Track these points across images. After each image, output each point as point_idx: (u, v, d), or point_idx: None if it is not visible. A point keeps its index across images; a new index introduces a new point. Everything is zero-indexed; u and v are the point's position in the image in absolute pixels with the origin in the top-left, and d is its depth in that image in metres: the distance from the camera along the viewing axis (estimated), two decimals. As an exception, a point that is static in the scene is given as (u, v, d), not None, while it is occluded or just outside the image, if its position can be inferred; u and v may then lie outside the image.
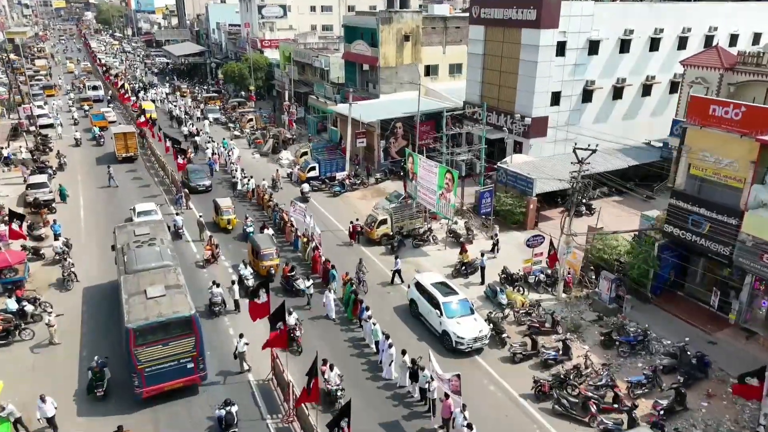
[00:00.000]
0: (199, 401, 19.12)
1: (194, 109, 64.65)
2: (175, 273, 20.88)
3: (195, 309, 18.66)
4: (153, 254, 22.12)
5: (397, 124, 43.52)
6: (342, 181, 40.23)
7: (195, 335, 18.24)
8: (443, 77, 53.37)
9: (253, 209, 36.69)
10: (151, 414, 18.50)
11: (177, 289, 19.54)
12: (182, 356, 18.18)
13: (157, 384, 18.07)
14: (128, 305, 18.57)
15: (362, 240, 31.94)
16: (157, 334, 17.74)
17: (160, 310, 18.15)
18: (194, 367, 18.51)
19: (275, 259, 26.95)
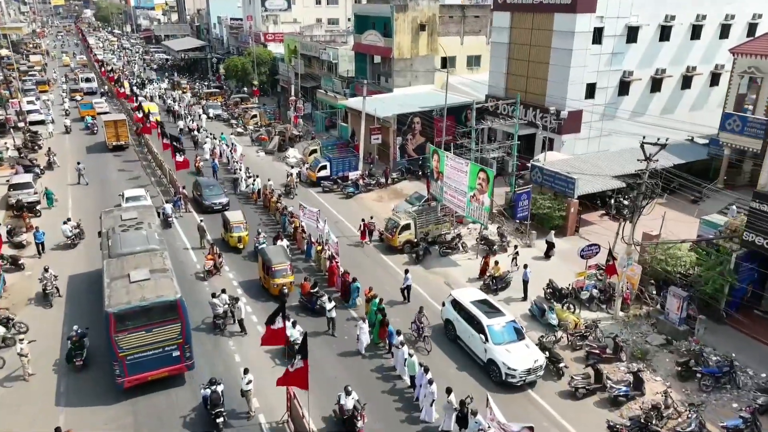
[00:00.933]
0: (185, 392, 17.87)
1: (195, 105, 61.21)
2: (162, 257, 19.81)
3: (181, 293, 17.62)
4: (139, 238, 21.08)
5: (415, 119, 40.06)
6: (355, 182, 36.77)
7: (181, 321, 17.21)
8: (461, 70, 49.93)
9: (259, 212, 33.26)
10: (132, 405, 17.29)
11: (162, 273, 18.50)
12: (167, 343, 17.17)
13: (139, 373, 17.08)
14: (110, 289, 17.59)
15: (382, 248, 28.51)
16: (140, 319, 16.73)
17: (143, 294, 17.14)
18: (180, 355, 17.41)
19: (289, 275, 23.17)
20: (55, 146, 43.43)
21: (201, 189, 33.14)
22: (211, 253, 25.27)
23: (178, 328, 17.22)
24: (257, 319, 21.92)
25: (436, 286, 24.87)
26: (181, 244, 28.59)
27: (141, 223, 22.73)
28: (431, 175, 29.84)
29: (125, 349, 16.67)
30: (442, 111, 40.87)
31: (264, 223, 31.53)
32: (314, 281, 23.10)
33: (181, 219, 31.83)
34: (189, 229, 30.17)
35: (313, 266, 26.53)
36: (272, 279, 22.83)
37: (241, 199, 35.07)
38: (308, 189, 37.86)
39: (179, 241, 28.97)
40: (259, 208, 33.95)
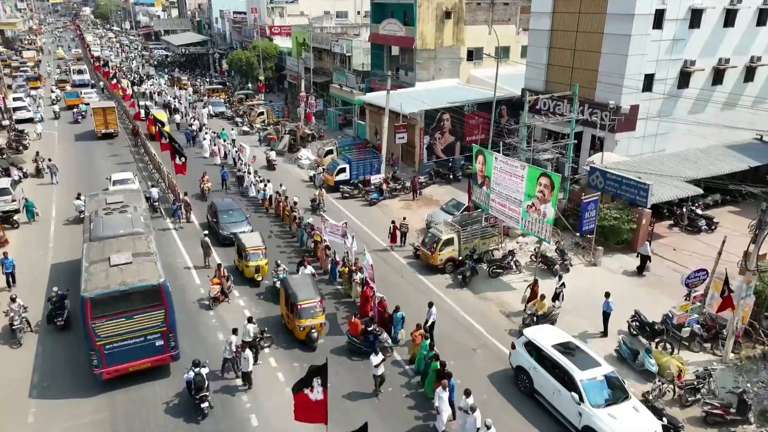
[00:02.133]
0: (170, 385, 16.56)
1: (196, 102, 56.88)
2: (146, 240, 18.59)
3: (165, 278, 16.37)
4: (123, 221, 19.96)
5: (444, 116, 35.66)
6: (379, 186, 32.37)
7: (165, 307, 16.01)
8: (488, 62, 45.47)
9: (271, 222, 28.89)
10: (111, 399, 15.99)
11: (146, 257, 17.31)
12: (150, 332, 16.01)
13: (119, 363, 15.91)
14: (87, 273, 16.41)
15: (417, 265, 24.16)
16: (120, 305, 15.56)
17: (124, 278, 15.98)
18: (164, 344, 16.29)
19: (319, 315, 18.26)
20: (43, 146, 38.96)
21: (217, 214, 26.06)
22: (218, 276, 20.85)
23: (161, 315, 15.98)
24: (281, 375, 17.33)
25: (492, 317, 20.50)
26: (181, 263, 24.19)
27: (126, 206, 21.44)
28: (474, 180, 25.46)
29: (103, 338, 15.44)
30: (474, 107, 36.61)
31: (277, 235, 27.21)
32: (368, 320, 18.48)
33: (181, 231, 27.48)
34: (191, 243, 25.80)
35: (339, 291, 22.16)
36: (298, 320, 17.90)
37: (250, 206, 30.70)
38: (325, 195, 33.49)
39: (179, 258, 24.62)
40: (270, 218, 29.58)
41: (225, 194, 31.77)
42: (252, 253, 22.01)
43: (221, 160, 38.60)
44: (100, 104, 44.94)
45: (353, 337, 17.90)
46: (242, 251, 22.28)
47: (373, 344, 17.28)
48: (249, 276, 22.25)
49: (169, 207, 29.71)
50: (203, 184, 31.44)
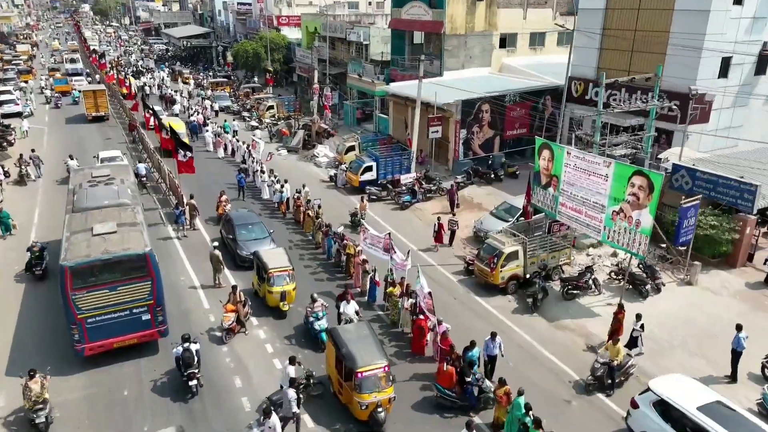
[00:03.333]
0: (157, 363, 15.48)
1: (200, 95, 52.69)
2: (133, 212, 17.51)
3: (151, 247, 15.25)
4: (108, 192, 18.83)
5: (483, 107, 31.43)
6: (412, 188, 28.16)
7: (151, 278, 14.98)
8: (522, 50, 41.33)
9: (290, 229, 24.72)
10: (93, 377, 14.88)
11: (132, 227, 16.27)
12: (135, 305, 14.99)
13: (103, 339, 14.84)
14: (68, 242, 15.33)
15: (471, 283, 20.00)
16: (102, 275, 14.49)
17: (107, 247, 14.96)
18: (151, 319, 15.28)
19: (387, 388, 13.05)
20: (31, 145, 34.67)
21: (234, 228, 21.41)
22: (233, 301, 16.63)
23: (147, 287, 15.01)
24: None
25: (576, 352, 16.32)
26: (185, 281, 19.99)
27: (113, 179, 20.19)
28: (536, 180, 21.24)
29: (85, 310, 14.45)
30: (516, 97, 32.42)
31: (298, 245, 23.02)
32: (462, 364, 13.97)
33: (186, 241, 23.30)
34: (197, 256, 21.64)
35: (382, 317, 17.95)
36: (358, 395, 12.73)
37: (265, 210, 26.53)
38: (348, 196, 29.32)
39: (183, 275, 20.44)
40: (289, 224, 25.41)
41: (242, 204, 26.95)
42: (276, 275, 17.37)
43: (223, 154, 35.32)
44: (90, 87, 45.10)
45: (446, 390, 13.59)
46: (264, 272, 17.70)
47: (473, 396, 13.24)
48: (272, 304, 17.60)
49: (170, 212, 25.54)
50: (222, 205, 24.56)
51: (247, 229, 21.49)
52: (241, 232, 21.27)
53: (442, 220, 23.00)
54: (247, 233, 21.31)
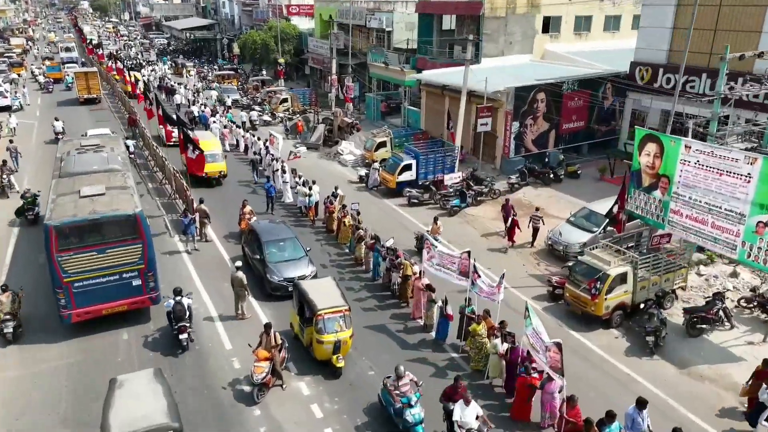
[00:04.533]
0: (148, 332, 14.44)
1: (205, 89, 48.52)
2: (123, 177, 16.55)
3: (142, 208, 14.37)
4: (98, 159, 17.87)
5: (539, 96, 27.20)
6: (460, 190, 23.91)
7: (142, 241, 14.11)
8: (566, 36, 37.12)
9: (322, 240, 20.52)
10: (81, 344, 13.97)
11: (122, 190, 15.37)
12: (125, 269, 14.12)
13: (91, 305, 13.99)
14: (54, 204, 14.50)
15: (561, 312, 15.79)
16: (90, 237, 13.66)
17: (95, 207, 14.11)
18: (142, 284, 14.42)
19: None
20: (19, 143, 30.30)
21: (260, 246, 16.73)
22: (265, 345, 12.35)
23: (138, 251, 14.13)
24: None
25: (729, 413, 12.07)
26: (199, 309, 15.66)
27: (102, 147, 19.60)
28: (634, 181, 17.03)
29: (71, 274, 13.56)
30: (575, 84, 28.20)
31: (334, 261, 18.83)
32: None
33: (197, 255, 19.08)
34: (212, 276, 17.45)
35: (457, 362, 13.70)
36: None
37: (288, 217, 22.31)
38: (383, 200, 25.13)
39: (195, 300, 16.08)
40: (319, 234, 21.20)
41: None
42: (327, 318, 12.64)
43: (229, 148, 31.74)
44: (82, 69, 45.57)
45: None
46: (308, 310, 13.05)
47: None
48: (322, 357, 12.95)
49: (176, 219, 21.33)
50: (246, 219, 19.53)
51: (277, 246, 16.80)
52: (270, 250, 16.55)
53: (516, 216, 19.78)
54: (279, 252, 16.65)
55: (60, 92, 47.40)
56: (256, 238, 17.20)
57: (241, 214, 19.78)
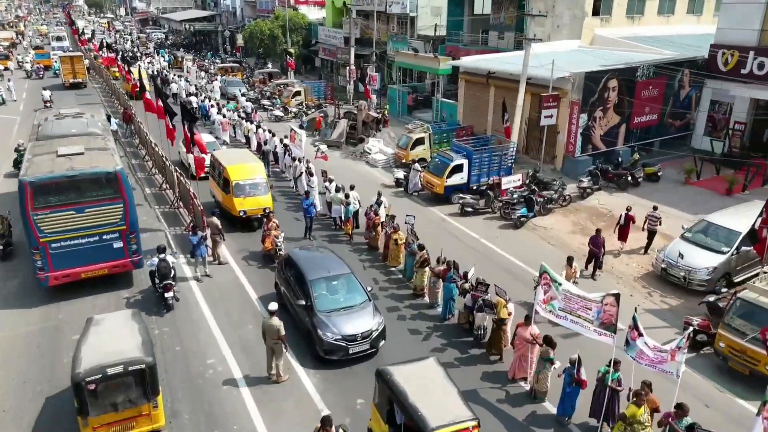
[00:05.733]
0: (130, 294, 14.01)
1: (209, 82, 44.18)
2: (104, 140, 15.86)
3: (122, 167, 13.85)
4: (77, 123, 17.25)
5: (610, 84, 22.95)
6: (528, 196, 19.60)
7: (123, 201, 13.57)
8: (617, 20, 32.83)
9: (364, 259, 16.25)
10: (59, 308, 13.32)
11: (102, 151, 14.73)
12: (106, 230, 13.53)
13: (69, 267, 13.40)
14: (30, 162, 13.84)
15: (711, 369, 11.57)
16: (68, 194, 13.07)
17: (72, 164, 13.48)
18: (123, 246, 13.83)
19: None
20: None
21: (304, 285, 12.13)
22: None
23: (119, 211, 13.54)
24: None
25: None
26: (217, 368, 11.37)
27: (82, 113, 18.83)
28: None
29: (48, 233, 12.98)
30: (650, 70, 23.96)
31: (385, 290, 14.59)
32: None
33: (209, 285, 14.77)
34: (230, 311, 13.18)
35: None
36: None
37: (319, 231, 18.02)
38: (428, 207, 20.87)
39: (211, 353, 11.83)
40: (360, 251, 16.91)
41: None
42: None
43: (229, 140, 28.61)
44: (67, 53, 44.46)
45: None
46: (404, 417, 8.08)
47: None
48: None
49: (180, 234, 17.06)
50: (271, 236, 15.47)
51: (329, 286, 12.17)
52: (318, 292, 11.91)
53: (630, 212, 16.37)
54: (331, 296, 12.05)
55: (48, 78, 45.59)
56: (298, 274, 12.44)
57: (266, 230, 15.45)
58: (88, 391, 8.58)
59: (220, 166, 18.45)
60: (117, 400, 8.87)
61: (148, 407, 9.10)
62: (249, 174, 17.93)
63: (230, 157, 19.23)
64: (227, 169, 17.80)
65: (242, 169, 18.12)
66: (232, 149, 23.51)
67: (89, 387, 8.56)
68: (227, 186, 17.67)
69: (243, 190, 17.51)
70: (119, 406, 8.89)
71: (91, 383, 8.57)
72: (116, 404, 8.87)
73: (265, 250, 15.38)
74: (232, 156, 19.74)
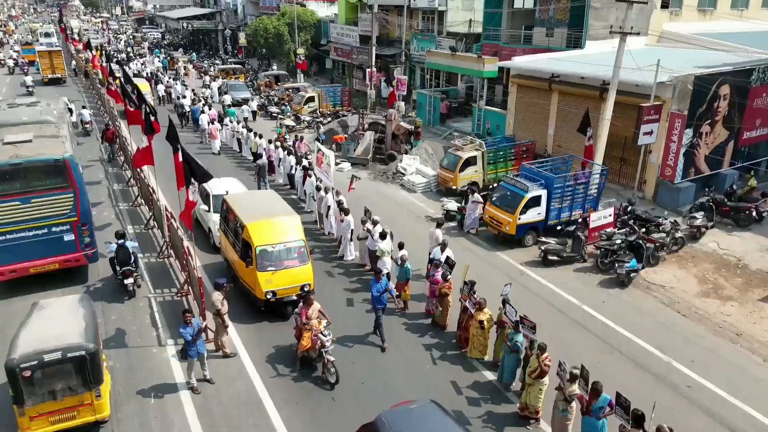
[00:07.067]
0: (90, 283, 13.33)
1: (205, 86, 39.36)
2: (57, 128, 14.94)
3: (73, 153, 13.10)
4: (30, 111, 16.44)
5: (721, 91, 18.03)
6: (635, 241, 14.68)
7: (74, 190, 12.76)
8: (689, 14, 28.13)
9: (432, 349, 11.35)
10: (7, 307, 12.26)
11: (53, 138, 13.96)
12: (55, 221, 12.73)
13: (15, 262, 12.56)
14: None
15: None
16: (12, 184, 12.27)
17: (17, 152, 12.75)
18: (75, 239, 12.98)
19: None
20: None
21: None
22: None
23: (69, 201, 12.73)
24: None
25: None
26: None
27: (37, 102, 18.10)
28: None
29: None
30: (765, 74, 19.05)
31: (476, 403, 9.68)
32: None
33: (209, 393, 9.86)
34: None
35: None
36: None
37: (353, 285, 13.14)
38: (494, 252, 16.04)
39: None
40: (418, 329, 11.99)
41: None
42: None
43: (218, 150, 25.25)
44: (45, 48, 43.05)
45: None
46: None
47: None
48: None
49: (172, 300, 12.23)
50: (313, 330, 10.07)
51: None
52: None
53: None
54: None
55: (33, 74, 42.51)
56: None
57: (303, 321, 10.27)
58: (23, 379, 8.21)
59: (235, 219, 12.76)
60: (56, 388, 8.48)
61: (90, 396, 8.73)
62: (280, 233, 12.20)
63: (249, 205, 13.26)
64: (247, 228, 11.99)
65: (269, 227, 12.26)
66: (252, 192, 16.57)
67: (24, 374, 8.19)
68: (247, 252, 11.95)
69: (271, 260, 11.89)
70: (58, 395, 8.52)
71: (27, 370, 8.20)
72: (55, 393, 8.49)
73: (302, 350, 10.25)
74: (253, 203, 13.64)
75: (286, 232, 12.28)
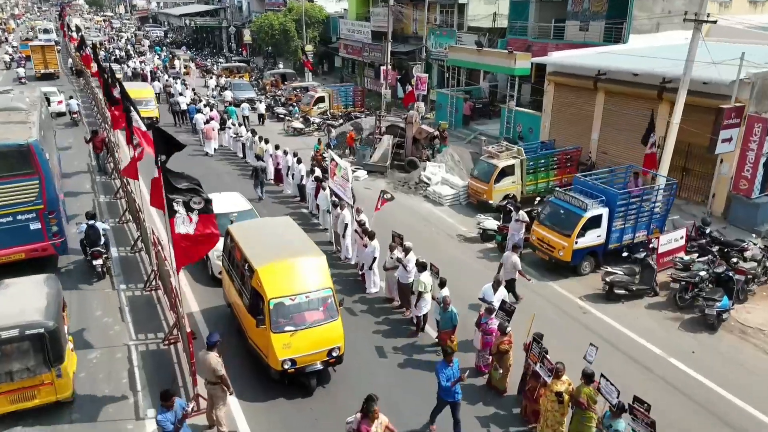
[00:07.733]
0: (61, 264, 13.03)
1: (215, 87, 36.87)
2: (26, 114, 14.43)
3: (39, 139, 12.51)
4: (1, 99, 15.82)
5: (809, 90, 15.39)
6: (725, 273, 12.06)
7: (39, 177, 12.28)
8: (739, 5, 25.52)
9: (481, 415, 8.76)
10: None
11: (20, 124, 13.44)
12: (19, 209, 12.26)
13: None
14: None
15: None
16: None
17: None
18: (42, 228, 12.53)
19: None
20: None
21: None
22: None
23: (34, 188, 12.28)
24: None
25: None
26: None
27: (11, 90, 18.43)
28: None
29: None
30: None
31: None
32: None
33: None
34: None
35: None
36: None
37: (386, 334, 10.57)
38: (545, 282, 13.47)
39: None
40: (471, 394, 9.37)
41: None
42: None
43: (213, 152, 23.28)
44: (38, 43, 43.32)
45: None
46: None
47: None
48: None
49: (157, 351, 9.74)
50: None
51: None
52: None
53: None
54: None
55: (29, 69, 42.81)
56: None
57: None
58: None
59: (243, 259, 9.82)
60: (13, 368, 8.19)
61: (50, 376, 8.41)
62: (300, 281, 9.31)
63: (261, 240, 10.39)
64: (258, 274, 9.05)
65: (287, 272, 9.37)
66: (264, 222, 12.71)
67: None
68: (258, 306, 9.05)
69: (290, 317, 9.07)
70: (15, 375, 8.21)
71: None
72: (11, 372, 8.19)
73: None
74: (265, 236, 10.71)
75: (309, 277, 9.39)
